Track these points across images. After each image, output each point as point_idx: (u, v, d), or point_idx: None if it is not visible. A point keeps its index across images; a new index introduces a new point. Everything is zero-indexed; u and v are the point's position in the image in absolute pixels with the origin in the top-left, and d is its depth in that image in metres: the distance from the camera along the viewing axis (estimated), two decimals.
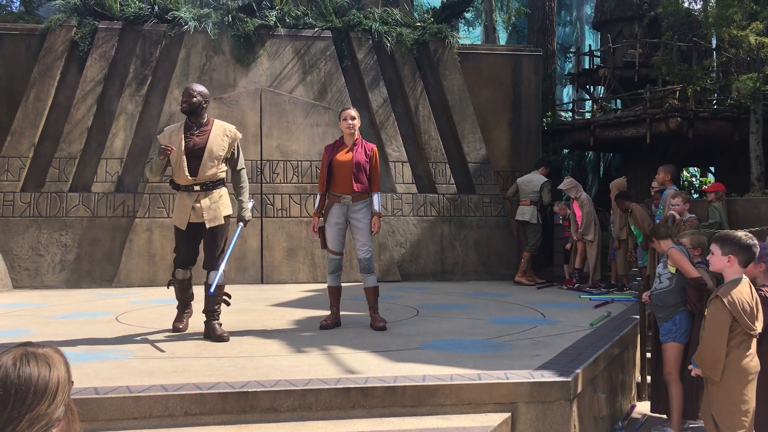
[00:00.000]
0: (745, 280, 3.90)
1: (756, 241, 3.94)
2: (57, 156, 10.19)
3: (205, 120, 5.78)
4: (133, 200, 10.16)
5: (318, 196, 6.15)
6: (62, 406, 1.71)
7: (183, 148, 5.62)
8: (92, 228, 10.01)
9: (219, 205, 5.71)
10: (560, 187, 10.09)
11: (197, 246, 5.85)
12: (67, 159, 10.21)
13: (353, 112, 6.12)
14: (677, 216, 7.26)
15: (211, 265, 5.66)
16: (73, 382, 1.78)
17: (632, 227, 8.74)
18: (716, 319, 3.77)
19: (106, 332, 5.85)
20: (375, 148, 6.20)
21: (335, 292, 6.13)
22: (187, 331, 5.88)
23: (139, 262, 9.86)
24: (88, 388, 3.79)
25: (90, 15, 10.73)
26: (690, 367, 4.13)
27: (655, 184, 8.51)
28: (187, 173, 5.61)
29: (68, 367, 1.77)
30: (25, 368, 1.68)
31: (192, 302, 6.09)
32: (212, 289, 5.51)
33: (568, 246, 9.94)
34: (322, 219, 6.12)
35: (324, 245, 6.15)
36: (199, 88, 5.79)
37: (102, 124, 10.44)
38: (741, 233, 3.96)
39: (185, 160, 5.62)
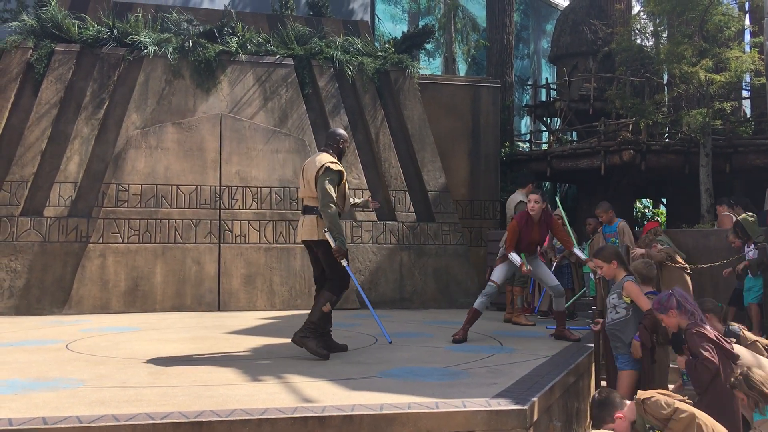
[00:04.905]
0: (630, 401, 4.11)
1: (603, 392, 4.29)
2: (8, 179, 9.96)
3: None
4: (87, 225, 9.97)
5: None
6: None
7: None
8: (43, 253, 9.77)
9: None
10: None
11: None
12: (19, 182, 9.98)
13: (537, 196, 7.26)
14: (633, 249, 7.47)
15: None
16: None
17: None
18: (661, 405, 3.87)
19: (56, 360, 5.68)
20: (554, 218, 7.46)
21: (474, 315, 7.08)
22: (135, 358, 5.75)
23: (91, 288, 9.64)
24: (36, 418, 3.67)
25: (47, 37, 10.59)
26: None
27: (593, 221, 8.97)
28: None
29: None
30: None
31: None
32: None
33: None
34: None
35: (489, 277, 7.35)
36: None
37: (56, 148, 10.26)
38: (594, 400, 4.24)
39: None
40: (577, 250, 7.43)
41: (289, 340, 6.03)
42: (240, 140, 10.67)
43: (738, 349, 4.63)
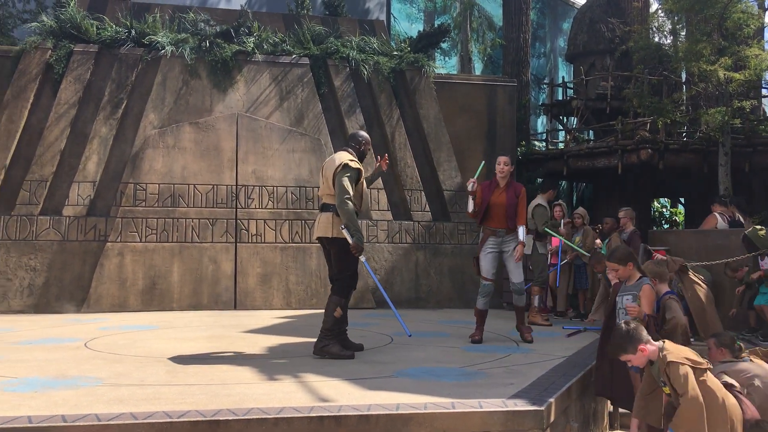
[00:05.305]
0: (665, 340, 4.21)
1: (632, 324, 4.29)
2: (28, 179, 10.06)
3: None
4: (105, 224, 10.05)
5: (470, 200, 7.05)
6: None
7: None
8: (62, 252, 9.87)
9: None
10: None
11: None
12: (39, 182, 10.08)
13: (506, 158, 7.20)
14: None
15: None
16: None
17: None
18: (684, 378, 3.91)
19: (75, 358, 5.74)
20: (523, 190, 7.16)
21: (481, 314, 7.02)
22: (153, 356, 5.79)
23: (109, 286, 9.72)
24: (56, 416, 3.71)
25: (66, 38, 10.68)
26: None
27: (610, 220, 8.92)
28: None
29: None
30: None
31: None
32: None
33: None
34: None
35: (478, 272, 7.08)
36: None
37: (75, 147, 10.35)
38: (620, 330, 4.25)
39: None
40: (521, 230, 6.96)
41: (305, 339, 6.06)
42: (256, 140, 10.71)
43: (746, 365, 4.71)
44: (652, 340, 4.18)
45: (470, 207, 7.08)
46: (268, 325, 8.17)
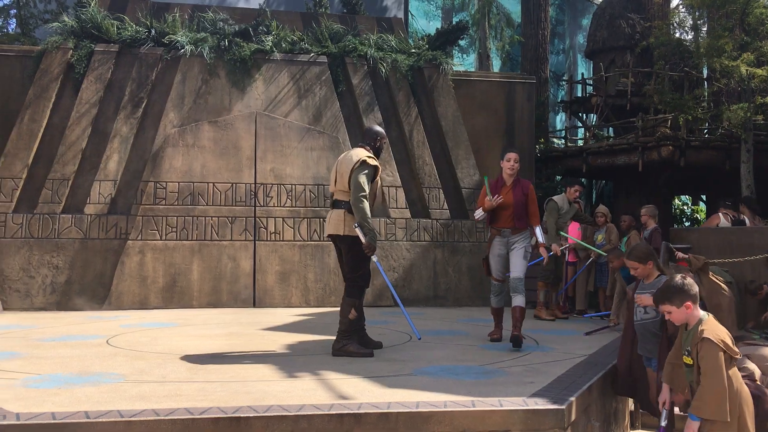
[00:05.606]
0: (709, 314, 3.95)
1: (689, 279, 4.02)
2: (50, 177, 10.18)
3: None
4: (126, 222, 10.14)
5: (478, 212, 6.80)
6: None
7: None
8: (84, 250, 9.97)
9: None
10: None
11: None
12: (61, 180, 10.19)
13: (516, 154, 6.75)
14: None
15: None
16: None
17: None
18: (713, 359, 3.72)
19: (97, 355, 5.80)
20: (531, 187, 6.82)
21: (497, 312, 6.94)
22: (174, 353, 5.83)
23: (130, 284, 9.81)
24: (79, 412, 3.74)
25: (87, 38, 10.78)
26: (689, 423, 3.90)
27: (627, 218, 8.81)
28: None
29: None
30: None
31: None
32: None
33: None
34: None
35: (488, 273, 6.86)
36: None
37: (96, 146, 10.45)
38: (677, 278, 4.01)
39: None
40: (538, 230, 6.80)
41: (323, 337, 6.08)
42: (275, 138, 10.75)
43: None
44: (699, 307, 4.04)
45: (479, 214, 6.80)
46: (287, 323, 8.20)
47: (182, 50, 10.70)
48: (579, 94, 17.23)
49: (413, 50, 11.89)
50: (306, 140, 10.83)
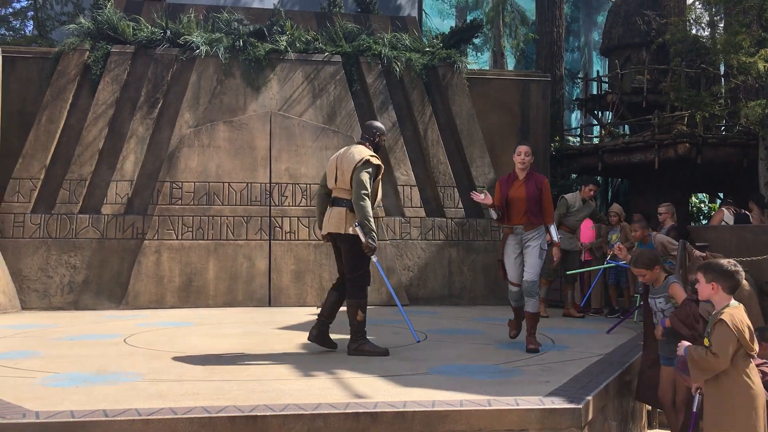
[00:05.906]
0: (740, 304, 3.92)
1: (740, 268, 3.96)
2: (68, 178, 10.27)
3: None
4: (143, 222, 10.21)
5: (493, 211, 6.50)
6: None
7: None
8: (101, 250, 10.05)
9: None
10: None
11: None
12: (78, 181, 10.28)
13: (527, 147, 6.39)
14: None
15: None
16: None
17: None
18: (720, 337, 3.77)
19: (115, 354, 5.84)
20: (546, 181, 6.45)
21: (517, 312, 6.56)
22: (191, 352, 5.86)
23: (147, 284, 9.87)
24: (97, 411, 3.78)
25: (103, 39, 10.87)
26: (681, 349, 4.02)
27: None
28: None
29: None
30: None
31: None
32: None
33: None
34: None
35: (504, 276, 6.49)
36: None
37: (113, 147, 10.52)
38: (725, 261, 3.99)
39: None
40: (552, 229, 6.50)
41: (338, 336, 6.08)
42: (289, 138, 10.77)
43: None
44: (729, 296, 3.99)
45: (494, 214, 6.53)
46: (302, 322, 8.22)
47: (197, 51, 10.75)
48: (594, 92, 17.12)
49: (427, 49, 11.87)
50: (321, 140, 10.84)
